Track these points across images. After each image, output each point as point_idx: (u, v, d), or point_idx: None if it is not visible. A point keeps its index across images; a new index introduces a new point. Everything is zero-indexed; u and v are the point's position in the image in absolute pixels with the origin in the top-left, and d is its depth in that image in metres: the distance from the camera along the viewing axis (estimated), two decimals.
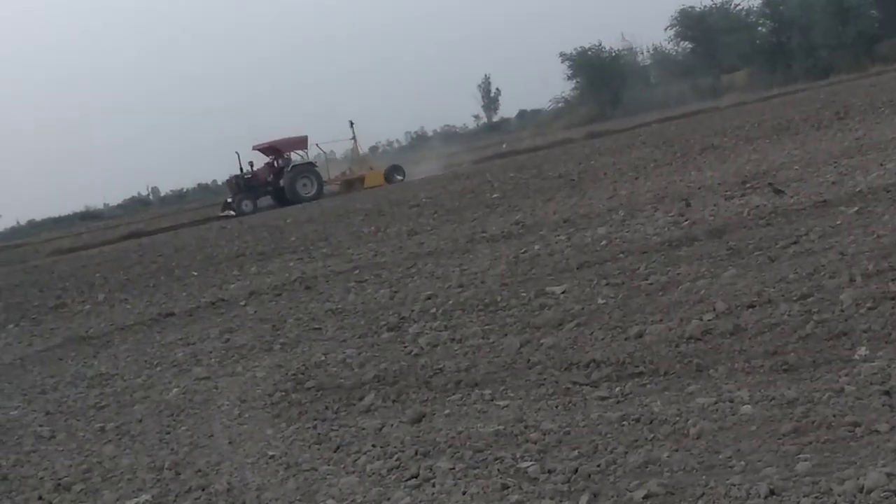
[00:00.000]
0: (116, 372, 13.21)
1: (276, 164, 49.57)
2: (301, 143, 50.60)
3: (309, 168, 49.34)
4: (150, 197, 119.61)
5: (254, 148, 50.86)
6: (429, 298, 13.45)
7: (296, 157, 50.23)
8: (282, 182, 48.23)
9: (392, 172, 50.97)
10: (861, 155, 18.41)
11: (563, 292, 11.92)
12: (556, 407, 8.03)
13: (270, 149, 50.19)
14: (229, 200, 48.38)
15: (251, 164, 50.42)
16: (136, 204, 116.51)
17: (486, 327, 11.07)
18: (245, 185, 48.17)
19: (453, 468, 7.12)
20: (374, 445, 7.98)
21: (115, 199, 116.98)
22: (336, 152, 54.75)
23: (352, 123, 52.97)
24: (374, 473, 7.38)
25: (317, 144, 51.97)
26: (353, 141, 53.42)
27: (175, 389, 11.41)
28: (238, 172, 49.72)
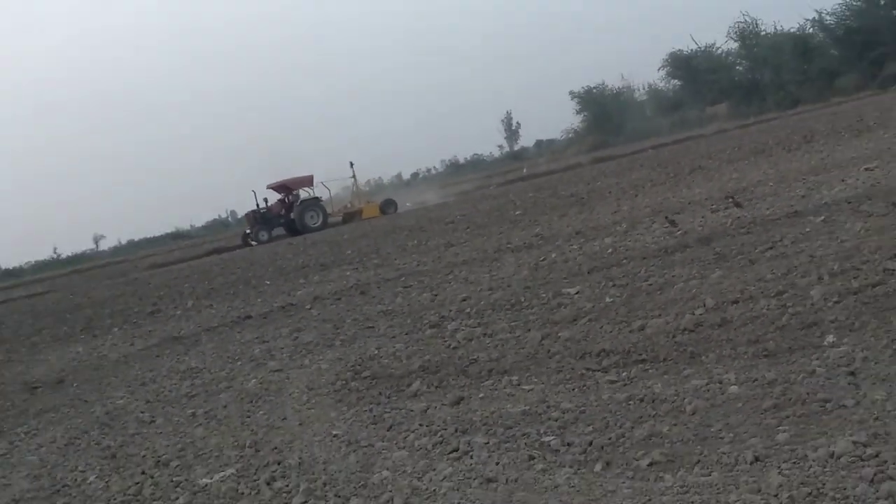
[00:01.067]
0: (204, 366, 13.30)
1: (286, 200, 49.93)
2: (308, 181, 50.88)
3: (315, 202, 49.74)
4: (229, 219, 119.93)
5: (268, 187, 51.16)
6: (464, 300, 13.47)
7: (304, 193, 50.58)
8: (292, 215, 48.65)
9: (386, 205, 51.08)
10: (825, 172, 18.33)
11: (576, 293, 11.91)
12: (573, 390, 8.03)
13: (282, 187, 50.49)
14: (248, 232, 49.05)
15: (265, 199, 50.88)
16: (218, 225, 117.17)
17: (513, 323, 11.08)
18: (261, 218, 48.77)
19: (487, 443, 7.14)
20: (420, 424, 8.00)
21: (200, 221, 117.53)
22: (353, 184, 54.83)
23: (352, 164, 53.82)
24: (421, 448, 7.40)
25: (322, 182, 52.26)
26: (353, 179, 53.72)
27: (253, 380, 11.47)
28: (255, 208, 50.25)
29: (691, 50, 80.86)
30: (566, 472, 6.24)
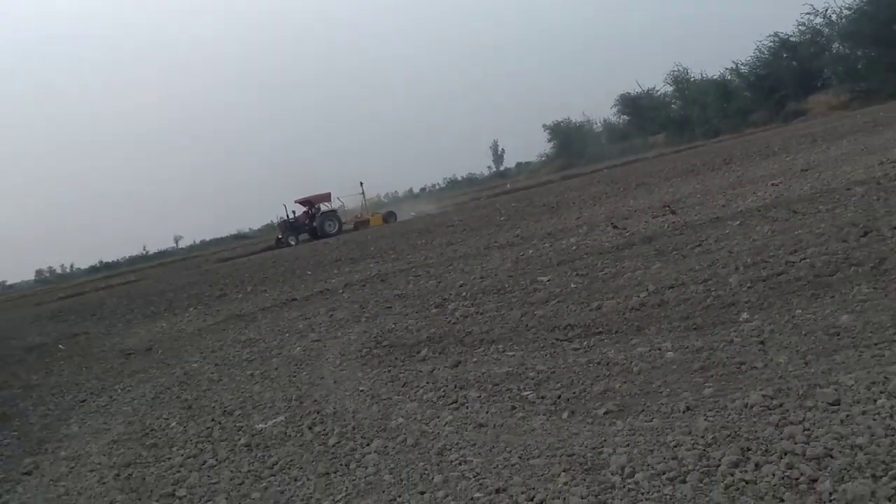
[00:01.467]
0: (259, 337, 13.31)
1: (310, 212, 49.66)
2: (327, 197, 50.76)
3: (332, 214, 49.61)
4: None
5: (295, 201, 51.11)
6: (461, 286, 13.48)
7: (324, 206, 50.32)
8: (314, 223, 48.38)
9: (388, 216, 50.88)
10: (741, 187, 18.33)
11: (548, 280, 11.92)
12: (546, 355, 8.04)
13: (306, 201, 50.33)
14: (279, 237, 49.04)
15: (293, 211, 50.83)
16: (270, 228, 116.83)
17: (499, 304, 11.09)
18: (290, 226, 48.69)
19: (479, 396, 7.15)
20: (427, 382, 8.01)
21: (256, 224, 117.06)
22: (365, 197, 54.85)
23: (362, 184, 53.97)
24: (427, 401, 7.41)
25: (338, 198, 52.29)
26: (362, 195, 53.85)
27: (298, 348, 11.48)
28: (285, 217, 50.29)
29: (637, 92, 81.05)
30: (540, 419, 6.26)
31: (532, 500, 4.77)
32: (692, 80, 74.82)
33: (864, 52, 55.55)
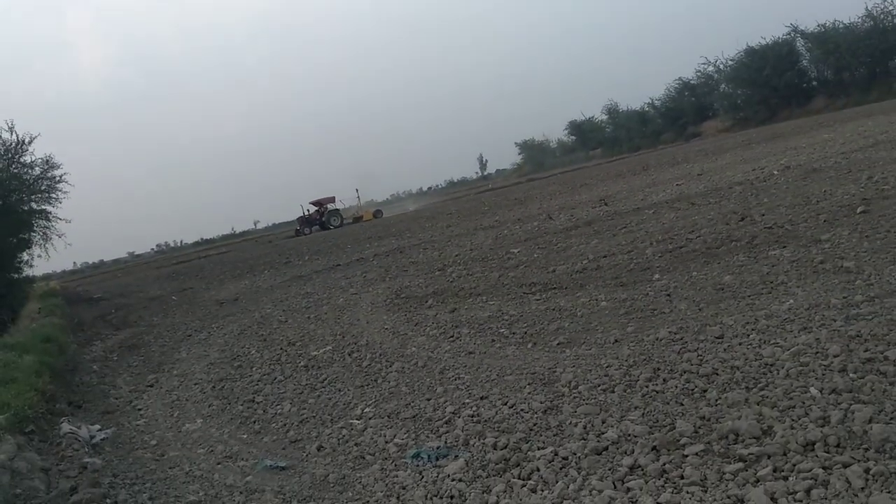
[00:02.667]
0: (314, 291, 13.27)
1: (320, 210, 47.68)
2: (332, 199, 48.77)
3: (336, 212, 47.26)
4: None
5: (310, 203, 49.11)
6: (456, 256, 13.42)
7: (331, 206, 48.13)
8: (323, 218, 46.30)
9: (377, 213, 48.61)
10: (654, 186, 18.23)
11: (518, 252, 11.87)
12: (516, 304, 8.01)
13: (317, 203, 48.36)
14: (297, 228, 46.62)
15: (307, 210, 48.66)
16: (347, 210, 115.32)
17: (483, 268, 11.05)
18: (306, 221, 46.43)
19: (469, 332, 7.14)
20: (432, 323, 7.99)
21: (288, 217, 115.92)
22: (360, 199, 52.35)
23: (357, 190, 52.12)
24: (433, 336, 7.40)
25: (340, 200, 50.24)
26: (358, 198, 51.75)
27: (341, 299, 11.46)
28: (302, 214, 48.12)
29: (581, 119, 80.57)
30: (512, 348, 6.26)
31: (506, 404, 4.78)
32: (621, 110, 74.50)
33: (742, 91, 55.43)
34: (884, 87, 42.67)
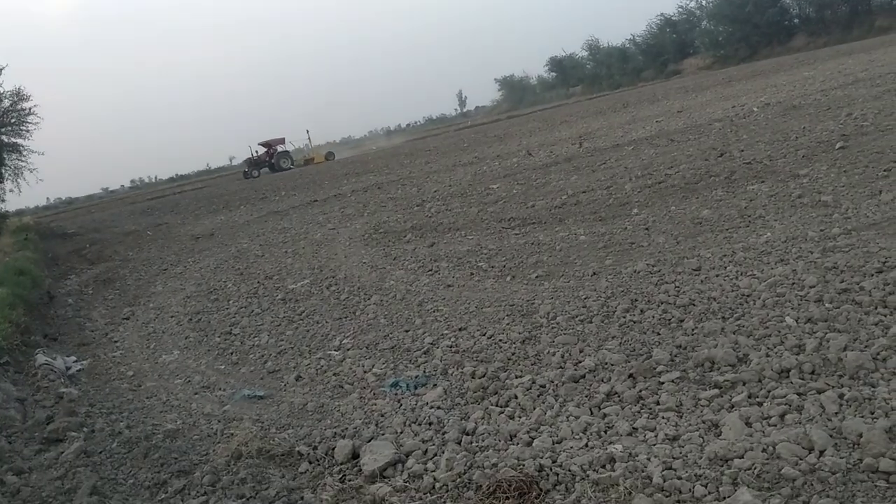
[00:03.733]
0: (291, 226, 13.11)
1: (269, 152, 44.89)
2: (281, 141, 45.99)
3: (286, 153, 44.84)
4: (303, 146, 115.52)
5: (258, 144, 46.21)
6: (435, 191, 13.28)
7: (280, 147, 45.30)
8: (272, 160, 43.88)
9: (329, 155, 46.54)
10: (634, 123, 18.08)
11: (497, 187, 11.76)
12: (495, 238, 7.97)
13: (266, 144, 45.47)
14: (245, 170, 43.84)
15: (256, 151, 45.91)
16: (296, 152, 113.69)
17: (462, 204, 10.95)
18: (254, 162, 43.88)
19: (448, 265, 7.10)
20: (411, 256, 7.94)
21: (289, 147, 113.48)
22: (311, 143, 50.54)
23: (308, 131, 50.12)
24: (411, 269, 7.35)
25: (290, 142, 47.61)
26: (308, 140, 49.65)
27: (319, 234, 11.33)
28: (250, 156, 45.53)
29: (562, 55, 79.09)
30: (491, 281, 6.23)
31: (484, 335, 4.77)
32: (602, 47, 73.14)
33: (723, 28, 54.68)
34: (865, 26, 42.32)
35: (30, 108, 22.56)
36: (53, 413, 4.64)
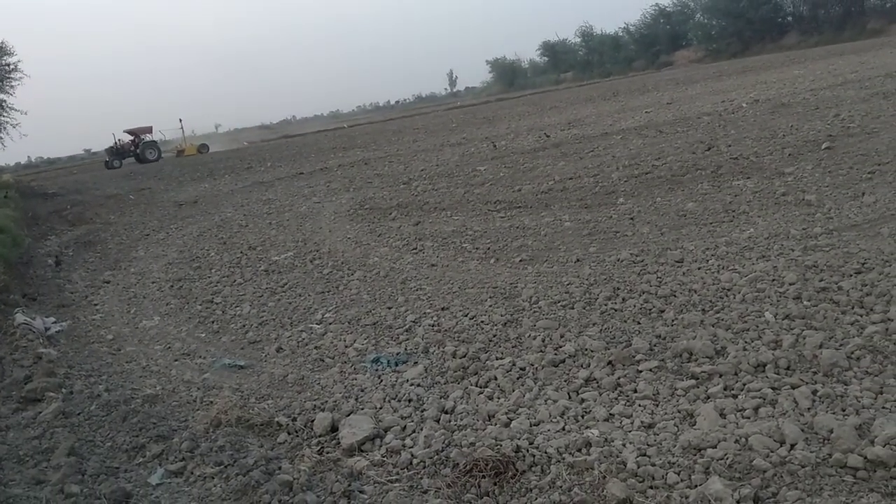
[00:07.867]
0: (276, 198, 13.00)
1: (135, 141, 41.40)
2: (149, 130, 42.38)
3: (153, 143, 41.18)
4: (294, 118, 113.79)
5: (124, 131, 43.12)
6: (422, 170, 13.23)
7: (147, 137, 41.58)
8: (137, 150, 40.56)
9: (201, 147, 42.97)
10: (623, 113, 18.10)
11: (484, 169, 11.74)
12: (481, 220, 7.97)
13: (132, 132, 42.29)
14: (107, 160, 40.67)
15: (119, 140, 42.28)
16: (285, 124, 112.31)
17: (448, 184, 10.92)
18: (116, 152, 40.68)
19: (433, 245, 7.10)
20: (396, 234, 7.93)
21: (276, 119, 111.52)
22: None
23: (181, 120, 46.40)
24: (396, 247, 7.34)
25: (160, 131, 44.59)
26: (181, 130, 45.75)
27: (304, 207, 11.25)
28: (113, 144, 41.88)
29: (555, 40, 78.72)
30: (475, 263, 6.24)
31: (467, 315, 4.79)
32: (595, 34, 72.85)
33: (717, 21, 54.78)
34: (857, 27, 42.58)
35: (14, 64, 22.01)
36: (32, 373, 4.60)
